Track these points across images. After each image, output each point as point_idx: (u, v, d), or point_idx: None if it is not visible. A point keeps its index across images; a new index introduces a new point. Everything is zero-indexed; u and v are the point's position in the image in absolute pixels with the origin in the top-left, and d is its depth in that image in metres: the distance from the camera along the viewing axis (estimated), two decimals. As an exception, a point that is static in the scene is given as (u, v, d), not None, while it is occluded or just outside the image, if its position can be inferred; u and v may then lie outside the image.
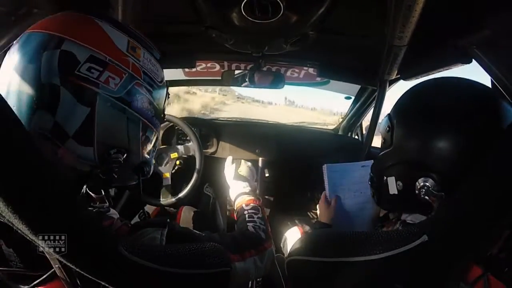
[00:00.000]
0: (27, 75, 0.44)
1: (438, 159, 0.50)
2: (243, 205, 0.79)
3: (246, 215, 0.74)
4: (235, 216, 0.80)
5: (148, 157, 0.60)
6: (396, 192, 0.57)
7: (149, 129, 0.56)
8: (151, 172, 0.61)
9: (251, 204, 0.79)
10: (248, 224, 0.71)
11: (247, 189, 0.87)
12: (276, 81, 1.36)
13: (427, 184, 0.51)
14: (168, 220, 0.53)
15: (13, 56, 0.45)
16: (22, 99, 0.44)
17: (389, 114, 0.62)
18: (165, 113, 0.64)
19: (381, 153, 0.63)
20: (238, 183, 0.89)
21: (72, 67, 0.44)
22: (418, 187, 0.52)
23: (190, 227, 0.96)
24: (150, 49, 0.56)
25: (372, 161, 0.66)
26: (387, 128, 0.60)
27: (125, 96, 0.49)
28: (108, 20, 0.51)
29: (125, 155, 0.51)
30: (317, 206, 0.95)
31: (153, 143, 0.61)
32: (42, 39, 0.45)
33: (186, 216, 1.21)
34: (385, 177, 0.60)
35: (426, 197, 0.51)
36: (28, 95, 0.44)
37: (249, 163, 1.04)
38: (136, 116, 0.52)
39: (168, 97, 0.63)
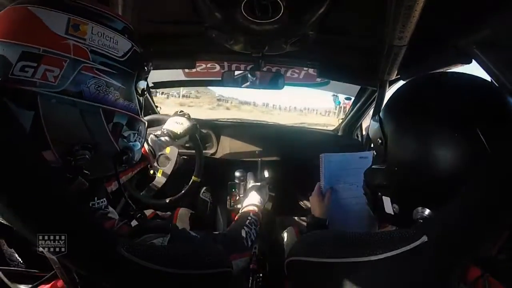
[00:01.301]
0: None
1: (438, 188, 0.46)
2: (250, 213, 0.84)
3: (247, 221, 0.78)
4: (236, 216, 0.84)
5: (130, 143, 0.54)
6: (392, 213, 0.54)
7: (118, 115, 0.49)
8: (136, 158, 0.56)
9: (256, 217, 0.83)
10: (243, 229, 0.75)
11: (261, 204, 0.94)
12: (276, 81, 1.36)
13: (425, 215, 0.48)
14: (170, 224, 0.52)
15: None
16: None
17: (380, 119, 0.54)
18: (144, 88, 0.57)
19: (375, 166, 0.57)
20: (256, 196, 0.96)
21: (5, 72, 0.40)
22: (416, 216, 0.49)
23: (187, 228, 0.96)
24: (106, 20, 0.48)
25: (371, 153, 0.59)
26: (379, 141, 0.53)
27: (71, 86, 0.43)
28: (42, 2, 0.44)
29: (92, 149, 0.47)
30: (310, 198, 0.92)
31: (133, 127, 0.54)
32: None
33: (182, 217, 1.21)
34: (379, 194, 0.56)
35: None
36: None
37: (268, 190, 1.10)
38: (92, 105, 0.45)
39: (145, 71, 0.55)
